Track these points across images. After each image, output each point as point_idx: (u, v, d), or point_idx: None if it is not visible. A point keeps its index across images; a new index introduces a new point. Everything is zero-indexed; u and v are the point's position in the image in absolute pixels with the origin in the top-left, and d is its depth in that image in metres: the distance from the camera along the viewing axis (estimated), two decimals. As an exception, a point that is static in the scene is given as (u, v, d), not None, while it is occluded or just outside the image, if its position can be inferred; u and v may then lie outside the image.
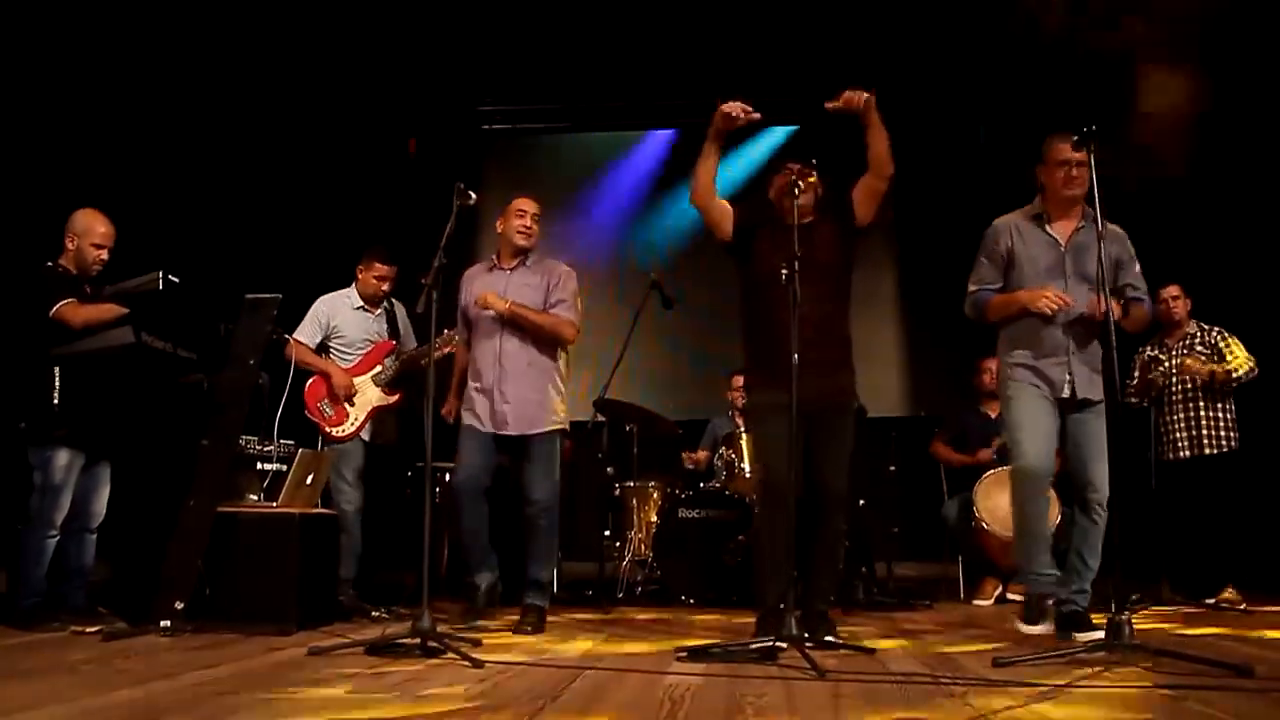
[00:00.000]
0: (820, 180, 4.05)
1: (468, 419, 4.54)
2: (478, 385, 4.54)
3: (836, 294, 4.03)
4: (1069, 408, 3.95)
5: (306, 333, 5.11)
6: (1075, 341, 3.91)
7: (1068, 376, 3.90)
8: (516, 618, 4.35)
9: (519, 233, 4.59)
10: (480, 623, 4.36)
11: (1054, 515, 4.90)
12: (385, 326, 5.26)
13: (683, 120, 8.82)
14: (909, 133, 8.36)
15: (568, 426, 4.65)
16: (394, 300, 5.32)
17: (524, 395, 4.47)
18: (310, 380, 5.07)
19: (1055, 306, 3.85)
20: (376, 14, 7.60)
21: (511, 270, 4.62)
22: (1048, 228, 4.00)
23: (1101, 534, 3.86)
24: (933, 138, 8.52)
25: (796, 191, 3.82)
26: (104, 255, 4.46)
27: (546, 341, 4.56)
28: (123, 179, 6.26)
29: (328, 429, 5.04)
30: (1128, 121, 5.78)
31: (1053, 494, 4.71)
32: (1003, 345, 4.12)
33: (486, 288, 4.56)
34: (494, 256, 4.72)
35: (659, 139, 8.89)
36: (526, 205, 4.64)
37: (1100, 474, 3.86)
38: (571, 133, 8.97)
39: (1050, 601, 3.91)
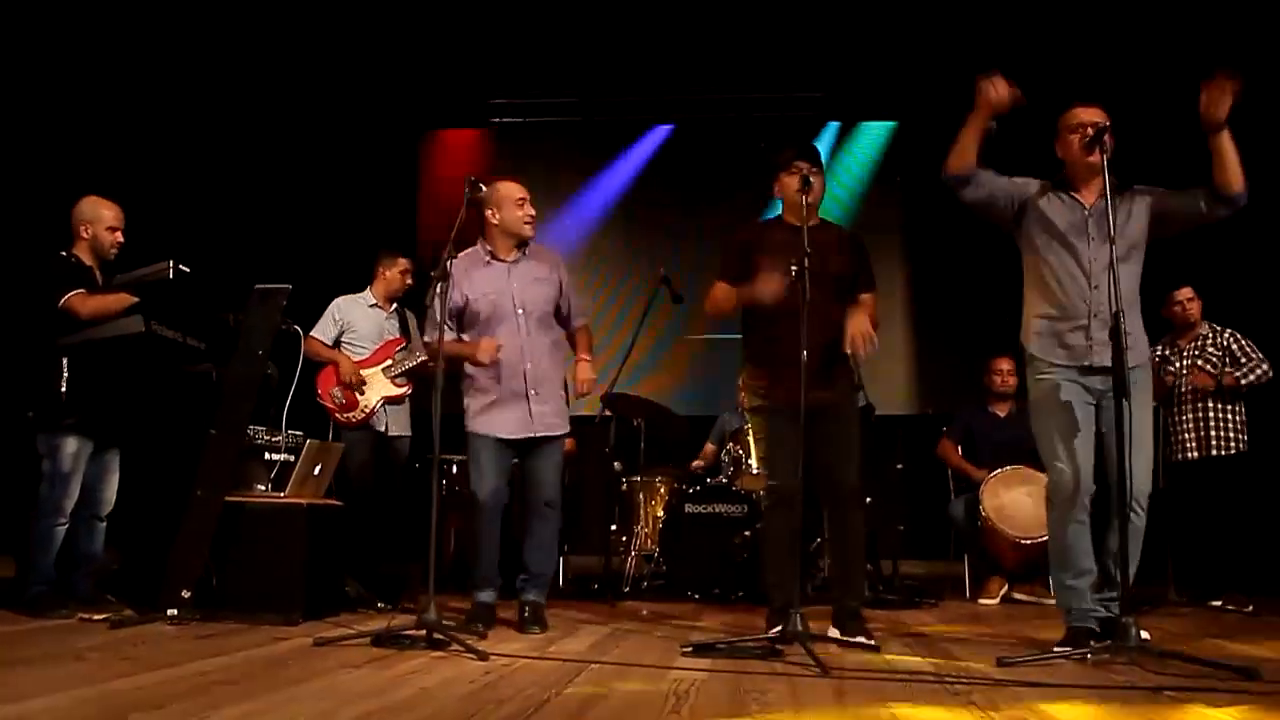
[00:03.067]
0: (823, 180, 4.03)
1: (485, 428, 4.20)
2: (499, 389, 4.21)
3: (837, 294, 3.99)
4: (1101, 377, 3.58)
5: (321, 330, 5.25)
6: (1097, 303, 3.59)
7: (1087, 341, 3.61)
8: (503, 615, 4.23)
9: (526, 223, 4.27)
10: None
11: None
12: (397, 325, 5.41)
13: (695, 114, 8.82)
14: (918, 130, 8.47)
15: None
16: (405, 308, 5.46)
17: (553, 395, 4.29)
18: (322, 369, 5.18)
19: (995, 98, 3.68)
20: (387, 7, 7.60)
21: (514, 263, 4.30)
22: (1070, 193, 3.79)
23: (1139, 535, 3.53)
24: (942, 136, 8.51)
25: (807, 189, 3.82)
26: (119, 236, 4.49)
27: (562, 344, 4.42)
28: (134, 169, 6.29)
29: (338, 415, 5.12)
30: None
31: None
32: (1027, 305, 3.84)
33: (488, 282, 4.24)
34: (485, 248, 4.33)
35: (670, 133, 8.87)
36: (525, 192, 4.32)
37: (1138, 466, 3.50)
38: (582, 126, 8.96)
39: (1097, 625, 3.59)
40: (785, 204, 4.09)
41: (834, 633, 3.84)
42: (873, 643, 3.69)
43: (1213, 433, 5.51)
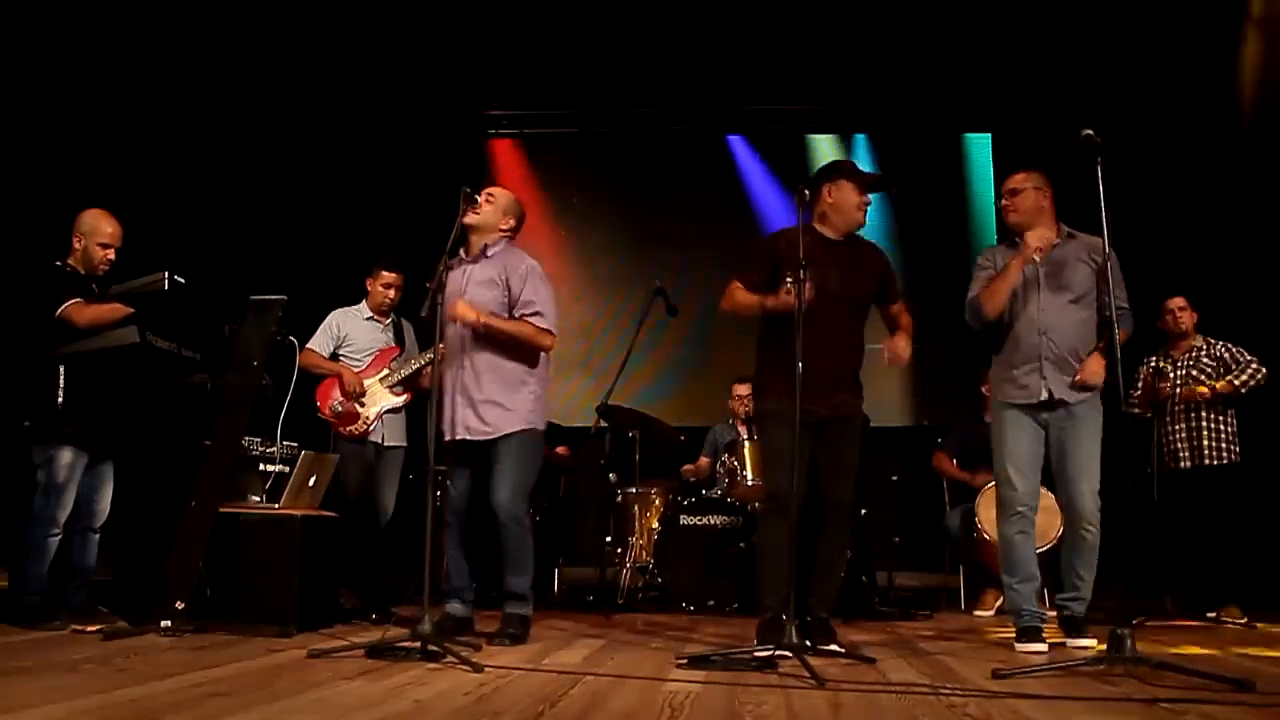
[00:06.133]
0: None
1: (447, 433, 4.18)
2: (446, 395, 4.18)
3: (856, 312, 4.09)
4: (1051, 412, 4.12)
5: (318, 343, 5.23)
6: (1048, 349, 4.09)
7: (1042, 380, 4.09)
8: (493, 626, 4.15)
9: (469, 216, 4.14)
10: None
11: (1056, 528, 4.91)
12: (392, 336, 5.38)
13: (692, 125, 8.84)
14: (915, 141, 8.51)
15: (542, 427, 4.29)
16: (402, 318, 5.43)
17: (492, 399, 4.13)
18: (321, 383, 5.14)
19: (1036, 244, 4.05)
20: (384, 19, 7.62)
21: (472, 263, 4.23)
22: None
23: (1093, 548, 4.08)
24: (938, 146, 8.55)
25: (807, 198, 3.88)
26: (110, 255, 4.47)
27: (512, 349, 4.19)
28: (130, 180, 6.28)
29: (341, 428, 5.11)
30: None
31: (1055, 505, 4.72)
32: (994, 358, 4.32)
33: (452, 283, 4.13)
34: (462, 250, 4.32)
35: (668, 144, 8.88)
36: (500, 195, 4.31)
37: (1084, 489, 4.06)
38: (579, 137, 8.97)
39: (1042, 624, 4.11)
40: (829, 215, 4.10)
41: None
42: (841, 649, 3.75)
43: (1206, 442, 5.52)
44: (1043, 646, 3.99)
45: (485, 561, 4.33)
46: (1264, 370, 5.48)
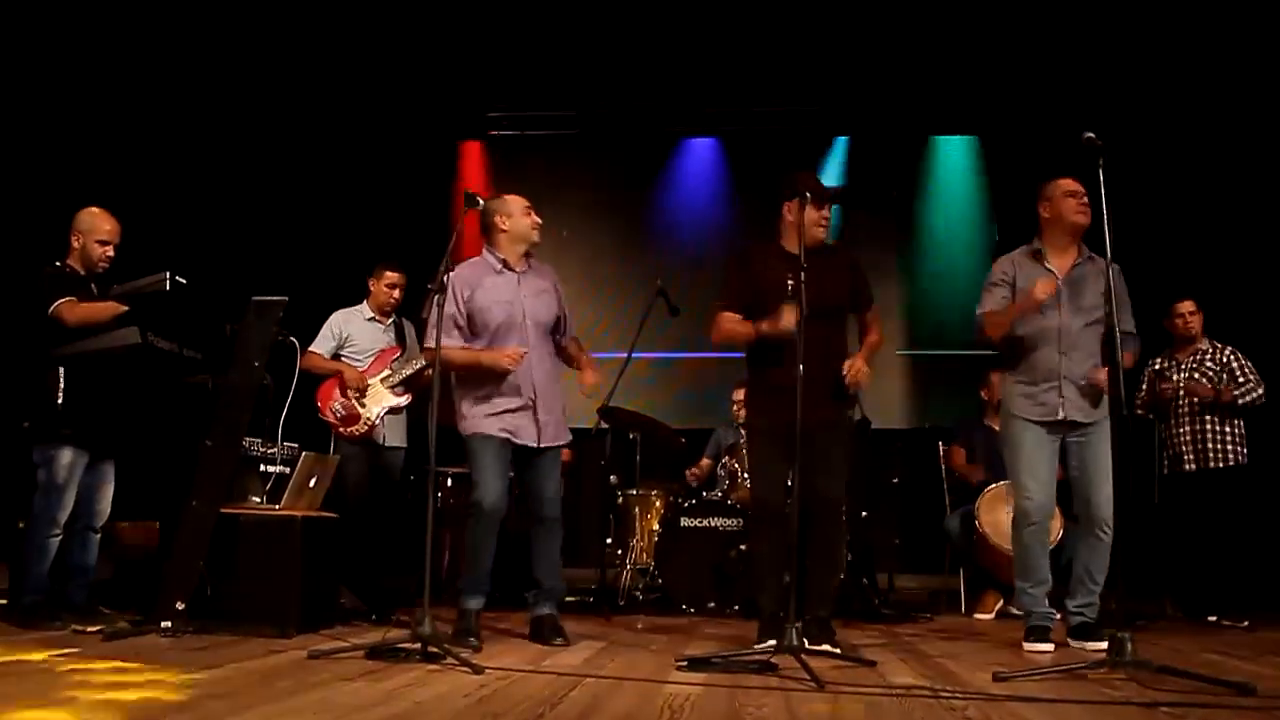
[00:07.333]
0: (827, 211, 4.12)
1: (492, 429, 4.18)
2: (505, 399, 4.21)
3: (830, 319, 4.08)
4: (1067, 429, 4.16)
5: (320, 345, 5.24)
6: (1067, 367, 4.12)
7: (1059, 399, 4.13)
8: (500, 626, 4.22)
9: (534, 229, 4.33)
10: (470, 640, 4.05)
11: (1056, 529, 4.91)
12: (394, 336, 5.38)
13: (691, 127, 8.84)
14: (913, 141, 8.50)
15: None
16: (403, 318, 5.43)
17: (557, 406, 4.33)
18: (322, 384, 5.13)
19: (1048, 292, 4.03)
20: (385, 20, 7.62)
21: (523, 274, 4.34)
22: (1045, 263, 4.22)
23: (1107, 551, 4.07)
24: (932, 149, 8.54)
25: (806, 200, 3.89)
26: (109, 252, 4.47)
27: (557, 356, 4.45)
28: (131, 180, 6.29)
29: (341, 429, 5.10)
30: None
31: (1056, 510, 4.72)
32: (1006, 371, 4.34)
33: (500, 291, 4.25)
34: (493, 257, 4.33)
35: (667, 146, 8.88)
36: (528, 201, 4.40)
37: (1102, 495, 4.06)
38: (579, 139, 8.96)
39: (1051, 624, 4.17)
40: (790, 231, 4.11)
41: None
42: (837, 650, 3.76)
43: (1210, 445, 5.52)
44: (1049, 646, 4.05)
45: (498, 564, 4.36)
46: (1264, 398, 5.51)
